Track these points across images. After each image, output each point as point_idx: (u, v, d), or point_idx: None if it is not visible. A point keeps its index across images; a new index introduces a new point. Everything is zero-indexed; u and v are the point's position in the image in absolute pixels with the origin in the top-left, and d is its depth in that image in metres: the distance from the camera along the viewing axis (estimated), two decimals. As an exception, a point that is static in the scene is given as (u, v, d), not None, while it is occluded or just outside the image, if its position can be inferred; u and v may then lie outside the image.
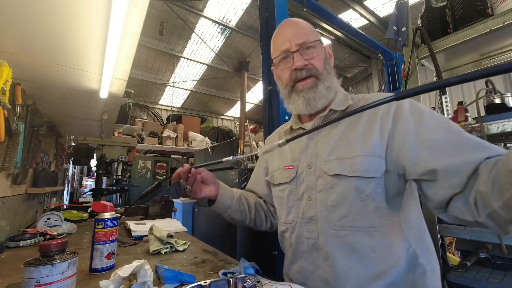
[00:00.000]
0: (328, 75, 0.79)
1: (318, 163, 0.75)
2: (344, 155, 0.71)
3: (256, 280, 0.65)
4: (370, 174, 0.67)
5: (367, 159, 0.67)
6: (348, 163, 0.69)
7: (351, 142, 0.72)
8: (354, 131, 0.73)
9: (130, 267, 0.64)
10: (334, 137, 0.75)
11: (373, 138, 0.69)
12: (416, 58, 1.59)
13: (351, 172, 0.68)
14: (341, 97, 0.81)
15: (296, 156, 0.82)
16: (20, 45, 1.00)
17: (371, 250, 0.66)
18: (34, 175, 1.78)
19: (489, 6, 1.35)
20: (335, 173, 0.71)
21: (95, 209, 0.93)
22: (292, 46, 0.77)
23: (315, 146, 0.78)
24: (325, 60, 0.79)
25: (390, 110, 0.71)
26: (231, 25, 4.99)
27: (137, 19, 0.91)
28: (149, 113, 7.08)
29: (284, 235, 0.84)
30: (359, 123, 0.73)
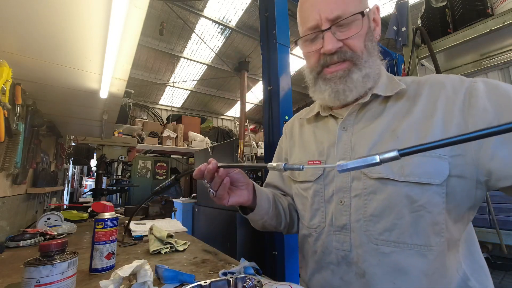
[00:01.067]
0: (369, 56, 0.61)
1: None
2: None
3: (256, 280, 0.65)
4: (427, 180, 0.52)
5: (423, 160, 0.52)
6: (397, 164, 0.54)
7: (401, 137, 0.56)
8: (405, 124, 0.57)
9: (130, 267, 0.64)
10: (377, 129, 0.59)
11: (432, 134, 0.53)
12: (416, 58, 1.59)
13: (402, 176, 0.53)
14: (385, 80, 0.64)
15: (324, 150, 0.67)
16: (20, 45, 1.00)
17: (423, 274, 0.52)
18: (34, 175, 1.78)
19: (489, 6, 1.35)
20: (379, 176, 0.56)
21: (95, 209, 0.94)
22: (322, 21, 0.59)
23: (350, 139, 0.63)
24: (367, 36, 0.60)
25: (456, 95, 0.54)
26: (231, 25, 4.99)
27: (137, 19, 0.91)
28: (149, 113, 7.08)
29: (307, 240, 0.71)
30: (412, 113, 0.57)
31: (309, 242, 0.71)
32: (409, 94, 0.60)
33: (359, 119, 0.63)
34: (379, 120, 0.61)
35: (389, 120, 0.59)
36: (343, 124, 0.64)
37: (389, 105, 0.61)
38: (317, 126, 0.73)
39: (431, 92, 0.58)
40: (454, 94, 0.55)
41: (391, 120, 0.59)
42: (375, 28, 0.64)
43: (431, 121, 0.54)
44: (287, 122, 0.88)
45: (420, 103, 0.58)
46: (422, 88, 0.59)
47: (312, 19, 0.60)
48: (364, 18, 0.59)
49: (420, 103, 0.58)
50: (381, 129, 0.59)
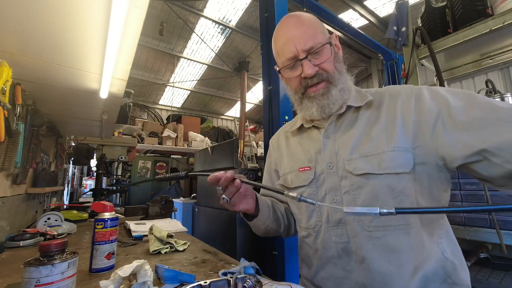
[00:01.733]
0: (340, 75, 0.73)
1: (340, 162, 0.70)
2: (369, 152, 0.67)
3: (256, 280, 0.65)
4: (400, 170, 0.63)
5: (395, 154, 0.64)
6: (375, 160, 0.65)
7: (374, 139, 0.68)
8: (376, 128, 0.69)
9: (130, 267, 0.64)
10: (354, 134, 0.71)
11: (398, 133, 0.65)
12: (416, 58, 1.59)
13: (380, 170, 0.64)
14: (354, 93, 0.77)
15: (312, 157, 0.76)
16: (20, 45, 1.00)
17: (409, 248, 0.63)
18: (34, 175, 1.78)
19: (489, 6, 1.35)
20: (362, 172, 0.66)
21: (95, 209, 0.93)
22: (299, 52, 0.71)
23: (334, 144, 0.73)
24: (335, 59, 0.74)
25: (409, 102, 0.68)
26: (231, 25, 4.99)
27: (137, 19, 0.91)
28: (149, 113, 7.08)
29: (305, 241, 0.78)
30: (379, 120, 0.70)
31: (308, 242, 0.77)
32: (375, 104, 0.73)
33: (338, 128, 0.74)
34: (355, 127, 0.72)
35: (363, 126, 0.71)
36: (326, 133, 0.75)
37: (360, 114, 0.73)
38: (302, 137, 0.83)
39: (390, 101, 0.71)
40: (408, 100, 0.68)
41: (365, 126, 0.71)
42: (338, 51, 0.77)
43: (394, 123, 0.67)
44: (273, 137, 0.98)
45: (384, 110, 0.70)
46: (383, 97, 0.73)
47: (289, 51, 0.72)
48: (331, 46, 0.73)
49: (384, 110, 0.70)
50: (358, 134, 0.71)
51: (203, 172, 0.73)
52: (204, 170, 3.39)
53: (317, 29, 0.73)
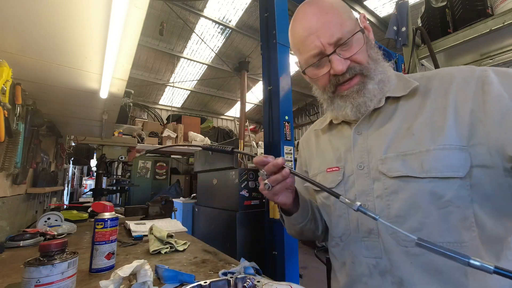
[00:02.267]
0: (376, 64, 0.61)
1: (372, 162, 0.60)
2: (408, 151, 0.55)
3: (256, 280, 0.65)
4: (450, 174, 0.50)
5: (444, 153, 0.51)
6: (415, 161, 0.53)
7: (416, 134, 0.55)
8: (419, 120, 0.56)
9: (130, 267, 0.64)
10: (391, 129, 0.59)
11: (448, 126, 0.52)
12: (416, 58, 1.59)
13: (423, 172, 0.52)
14: (395, 80, 0.64)
15: (341, 155, 0.67)
16: (20, 45, 1.00)
17: (462, 273, 0.49)
18: (34, 175, 1.78)
19: (489, 6, 1.35)
20: (398, 175, 0.55)
21: (95, 209, 0.94)
22: (325, 47, 0.59)
23: (366, 142, 0.63)
24: (367, 46, 0.61)
25: (467, 87, 0.53)
26: (231, 25, 4.99)
27: (137, 19, 0.91)
28: (149, 113, 7.08)
29: (333, 251, 0.69)
30: (424, 110, 0.57)
31: (335, 253, 0.68)
32: (420, 90, 0.60)
33: (372, 122, 0.63)
34: (393, 120, 0.60)
35: (402, 118, 0.59)
36: (357, 128, 0.65)
37: (400, 104, 0.61)
38: (331, 134, 0.73)
39: (441, 86, 0.57)
40: (465, 84, 0.54)
41: (405, 119, 0.59)
42: (369, 35, 0.64)
43: (444, 114, 0.53)
44: (302, 137, 0.88)
45: (431, 98, 0.57)
46: (431, 83, 0.59)
47: (313, 46, 0.60)
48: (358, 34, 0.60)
49: (431, 98, 0.57)
50: (396, 128, 0.59)
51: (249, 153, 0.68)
52: (205, 170, 3.39)
53: (343, 15, 0.60)
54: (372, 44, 0.64)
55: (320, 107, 8.22)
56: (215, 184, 3.05)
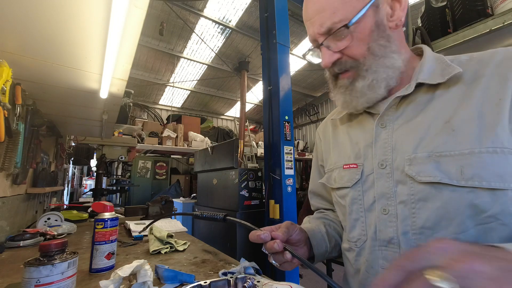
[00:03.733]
0: (375, 59, 0.52)
1: (397, 161, 0.51)
2: (445, 151, 0.45)
3: (256, 280, 0.65)
4: (499, 184, 0.41)
5: (494, 158, 0.42)
6: (454, 164, 0.44)
7: (458, 130, 0.45)
8: (463, 113, 0.45)
9: (130, 267, 0.64)
10: (425, 121, 0.49)
11: (503, 123, 0.42)
12: (416, 58, 1.59)
13: (462, 180, 0.43)
14: (431, 63, 0.53)
15: (361, 151, 0.58)
16: (20, 45, 1.00)
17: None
18: (34, 175, 1.78)
19: (489, 6, 1.35)
20: (430, 180, 0.46)
21: (95, 209, 0.94)
22: (316, 36, 0.53)
23: (391, 136, 0.53)
24: (371, 35, 0.51)
25: None
26: (231, 25, 4.99)
27: (137, 19, 0.91)
28: (149, 113, 7.08)
29: (346, 255, 0.62)
30: (471, 100, 0.46)
31: (349, 257, 0.61)
32: (466, 77, 0.48)
33: (400, 113, 0.53)
34: (426, 111, 0.50)
35: (440, 109, 0.48)
36: (381, 120, 0.55)
37: (438, 93, 0.50)
38: (350, 125, 0.64)
39: (499, 71, 0.45)
40: None
41: (443, 109, 0.48)
42: (393, 13, 0.52)
43: (500, 107, 0.42)
44: (319, 126, 0.79)
45: (482, 86, 0.46)
46: (485, 67, 0.47)
47: (310, 33, 0.56)
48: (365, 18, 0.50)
49: (483, 86, 0.46)
50: (430, 121, 0.48)
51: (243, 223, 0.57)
52: (205, 170, 3.39)
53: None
54: (385, 29, 0.52)
55: (320, 107, 8.22)
56: (215, 184, 3.05)
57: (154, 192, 5.44)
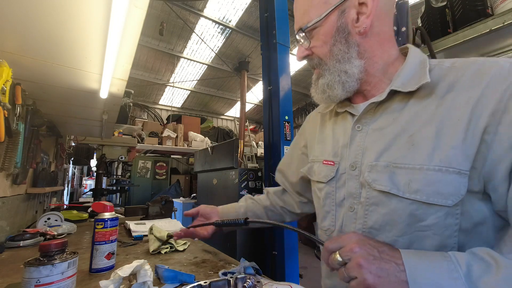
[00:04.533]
0: (334, 62, 0.55)
1: (364, 165, 0.54)
2: (400, 163, 0.49)
3: (256, 280, 0.65)
4: (438, 201, 0.44)
5: (437, 176, 0.44)
6: (404, 177, 0.48)
7: (417, 144, 0.48)
8: (425, 128, 0.48)
9: (130, 267, 0.64)
10: (392, 131, 0.52)
11: (455, 140, 0.44)
12: (416, 58, 1.59)
13: (407, 193, 0.47)
14: (413, 68, 0.53)
15: (339, 150, 0.61)
16: (20, 45, 1.00)
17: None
18: (34, 175, 1.78)
19: (489, 6, 1.35)
20: (381, 189, 0.50)
21: (95, 209, 0.93)
22: (296, 31, 0.59)
23: (363, 140, 0.56)
24: (336, 35, 0.54)
25: (494, 93, 0.43)
26: (231, 25, 4.99)
27: (137, 19, 0.91)
28: (149, 113, 7.08)
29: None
30: (438, 112, 0.47)
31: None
32: (441, 88, 0.49)
33: (376, 118, 0.56)
34: (397, 121, 0.52)
35: (408, 121, 0.50)
36: (358, 122, 0.58)
37: (411, 103, 0.51)
38: (336, 121, 0.66)
39: (465, 85, 0.46)
40: (491, 91, 0.43)
41: (410, 122, 0.50)
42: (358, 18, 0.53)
43: (458, 125, 0.44)
44: (309, 115, 0.83)
45: (449, 103, 0.47)
46: (459, 78, 0.48)
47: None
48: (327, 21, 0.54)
49: (449, 104, 0.47)
50: (397, 132, 0.51)
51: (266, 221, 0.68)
52: (205, 170, 3.39)
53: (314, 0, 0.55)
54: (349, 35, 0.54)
55: (320, 107, 8.21)
56: (215, 184, 3.05)
57: (154, 192, 5.44)
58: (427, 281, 0.37)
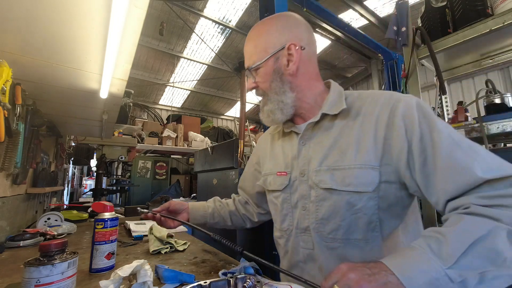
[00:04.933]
0: (274, 94, 0.73)
1: (310, 172, 0.71)
2: (336, 166, 0.67)
3: (256, 280, 0.65)
4: (362, 189, 0.63)
5: (360, 172, 0.63)
6: (340, 176, 0.66)
7: (344, 151, 0.67)
8: (348, 137, 0.67)
9: (130, 267, 0.64)
10: (327, 143, 0.70)
11: (368, 146, 0.64)
12: (416, 58, 1.59)
13: (343, 186, 0.65)
14: (334, 98, 0.73)
15: (289, 162, 0.78)
16: (20, 45, 1.00)
17: (361, 260, 0.63)
18: (34, 175, 1.78)
19: (489, 6, 1.35)
20: (326, 187, 0.67)
21: (95, 209, 0.93)
22: (245, 67, 0.78)
23: (308, 152, 0.73)
24: (272, 76, 0.72)
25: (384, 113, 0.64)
26: (231, 25, 4.99)
27: (137, 19, 0.91)
28: (149, 113, 7.07)
29: (278, 241, 0.84)
30: (353, 131, 0.67)
31: (280, 243, 0.82)
32: (352, 112, 0.70)
33: (313, 135, 0.74)
34: (329, 135, 0.71)
35: (335, 136, 0.70)
36: (302, 139, 0.75)
37: (336, 122, 0.71)
38: (284, 140, 0.83)
39: (369, 109, 0.68)
40: (384, 110, 0.65)
41: (338, 135, 0.69)
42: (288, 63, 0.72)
43: (367, 136, 0.65)
44: (261, 137, 1.02)
45: (359, 120, 0.68)
46: (363, 105, 0.70)
47: None
48: (266, 64, 0.72)
49: (360, 120, 0.68)
50: (329, 145, 0.70)
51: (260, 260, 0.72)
52: (205, 170, 3.39)
53: (258, 47, 0.74)
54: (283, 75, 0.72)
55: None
56: (215, 184, 3.05)
57: (154, 192, 5.43)
58: (412, 271, 0.45)
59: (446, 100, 1.76)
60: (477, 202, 0.50)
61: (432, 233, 0.49)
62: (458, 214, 0.51)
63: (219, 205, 1.04)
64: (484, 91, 1.47)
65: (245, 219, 1.03)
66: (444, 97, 1.75)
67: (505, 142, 1.55)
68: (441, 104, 1.76)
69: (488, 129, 1.23)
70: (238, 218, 1.02)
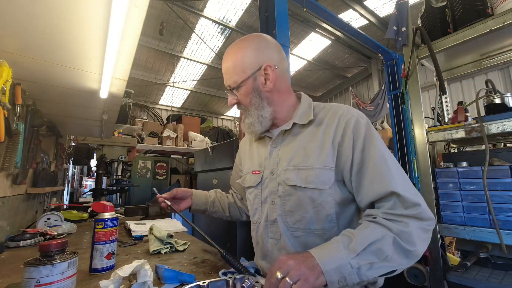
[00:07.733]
0: (254, 109, 0.82)
1: (279, 170, 0.81)
2: (301, 166, 0.77)
3: (255, 280, 0.65)
4: (321, 186, 0.74)
5: (321, 172, 0.74)
6: (304, 174, 0.76)
7: (309, 153, 0.77)
8: (313, 142, 0.78)
9: (130, 267, 0.64)
10: (295, 146, 0.81)
11: (327, 152, 0.75)
12: (416, 58, 1.59)
13: (306, 184, 0.75)
14: (304, 109, 0.84)
15: (262, 162, 0.88)
16: (20, 45, 1.00)
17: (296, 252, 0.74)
18: (34, 175, 1.78)
19: (489, 6, 1.34)
20: (292, 184, 0.77)
21: (95, 209, 0.93)
22: (226, 84, 0.85)
23: (278, 153, 0.84)
24: (252, 93, 0.81)
25: (340, 125, 0.76)
26: (231, 25, 4.99)
27: (137, 19, 0.91)
28: (149, 113, 7.07)
29: (252, 233, 0.94)
30: (317, 137, 0.78)
31: (253, 235, 0.92)
32: (317, 121, 0.81)
33: (284, 139, 0.85)
34: (297, 140, 0.82)
35: (302, 140, 0.81)
36: (273, 142, 0.86)
37: (303, 129, 0.82)
38: (259, 143, 0.94)
39: (330, 120, 0.79)
40: (340, 122, 0.77)
41: (304, 140, 0.80)
42: (266, 82, 0.81)
43: (327, 142, 0.76)
44: (242, 139, 1.12)
45: (322, 128, 0.79)
46: (326, 116, 0.81)
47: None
48: (246, 83, 0.81)
49: (323, 128, 0.79)
50: (297, 148, 0.80)
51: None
52: (205, 170, 3.38)
53: (236, 68, 0.81)
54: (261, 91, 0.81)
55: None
56: (215, 184, 3.05)
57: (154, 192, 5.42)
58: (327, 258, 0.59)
59: (446, 100, 1.76)
60: (382, 216, 0.67)
61: (347, 233, 0.65)
62: (368, 221, 0.68)
63: (219, 196, 1.13)
64: (484, 91, 1.47)
65: (241, 212, 1.12)
66: (444, 97, 1.75)
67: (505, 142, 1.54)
68: (441, 104, 1.76)
69: (488, 129, 1.23)
70: (235, 210, 1.11)
